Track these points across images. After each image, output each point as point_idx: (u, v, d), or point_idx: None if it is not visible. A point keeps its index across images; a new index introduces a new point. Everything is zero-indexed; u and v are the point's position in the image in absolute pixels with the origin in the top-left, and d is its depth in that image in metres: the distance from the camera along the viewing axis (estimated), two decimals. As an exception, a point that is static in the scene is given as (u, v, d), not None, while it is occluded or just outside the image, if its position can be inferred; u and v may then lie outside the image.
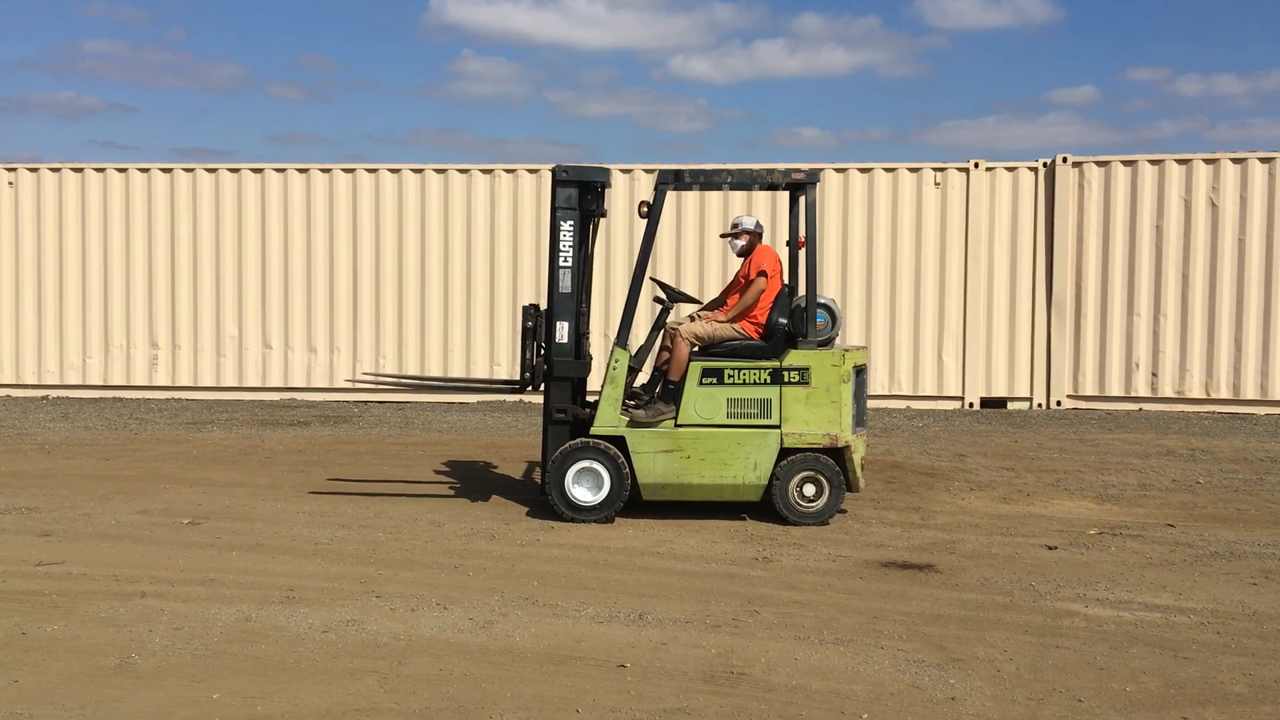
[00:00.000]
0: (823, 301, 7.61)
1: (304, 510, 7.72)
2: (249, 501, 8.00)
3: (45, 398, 13.86)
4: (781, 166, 7.72)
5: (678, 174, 7.64)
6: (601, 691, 4.48)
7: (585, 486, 7.39)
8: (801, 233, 7.58)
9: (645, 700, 4.39)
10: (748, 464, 7.35)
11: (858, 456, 7.46)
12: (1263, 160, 12.76)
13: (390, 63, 49.92)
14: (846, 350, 7.48)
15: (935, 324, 13.28)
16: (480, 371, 13.60)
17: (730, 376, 7.38)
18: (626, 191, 13.46)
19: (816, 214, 7.52)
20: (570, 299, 7.57)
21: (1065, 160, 13.16)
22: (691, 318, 7.87)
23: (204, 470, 9.24)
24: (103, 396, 13.85)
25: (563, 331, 7.57)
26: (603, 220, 8.29)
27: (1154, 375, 13.00)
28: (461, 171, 13.71)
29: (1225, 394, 12.85)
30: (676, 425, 7.40)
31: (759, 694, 4.47)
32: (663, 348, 7.73)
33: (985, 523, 7.51)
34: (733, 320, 7.63)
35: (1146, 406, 13.02)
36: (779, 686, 4.55)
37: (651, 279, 7.83)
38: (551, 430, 7.58)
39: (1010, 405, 13.31)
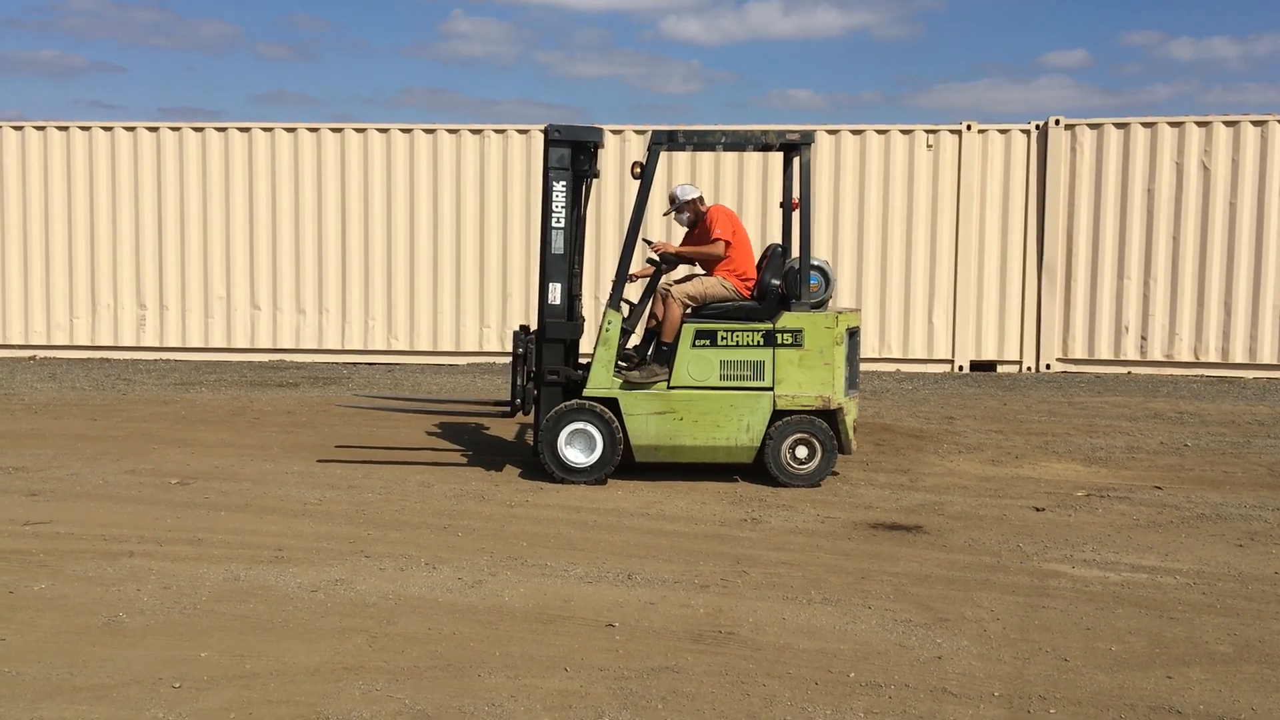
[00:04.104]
0: (816, 263, 7.58)
1: (292, 471, 7.71)
2: (237, 462, 7.98)
3: (32, 358, 13.79)
4: (776, 127, 7.69)
5: (671, 135, 7.57)
6: (590, 650, 4.49)
7: (578, 448, 7.37)
8: (795, 194, 7.54)
9: (633, 659, 4.40)
10: (740, 426, 7.35)
11: (850, 419, 7.46)
12: (1255, 123, 12.72)
13: (380, 22, 49.55)
14: (840, 312, 7.46)
15: (926, 286, 13.26)
16: (470, 332, 13.57)
17: (723, 338, 7.36)
18: (617, 153, 13.38)
19: (810, 175, 7.48)
20: (563, 260, 7.52)
21: (1058, 122, 13.09)
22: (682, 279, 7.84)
23: (192, 431, 9.21)
24: (90, 357, 13.79)
25: (555, 293, 7.52)
26: (594, 181, 8.23)
27: (1143, 339, 13.01)
28: (451, 132, 13.60)
29: (1214, 358, 12.87)
30: (669, 387, 7.38)
31: (747, 653, 4.49)
32: (655, 309, 7.71)
33: (973, 484, 7.53)
34: (678, 254, 7.69)
35: (1135, 370, 13.04)
36: (767, 646, 4.57)
37: (644, 240, 7.79)
38: (544, 392, 7.55)
39: (1000, 368, 13.32)
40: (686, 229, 8.01)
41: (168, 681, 4.14)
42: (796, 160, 7.50)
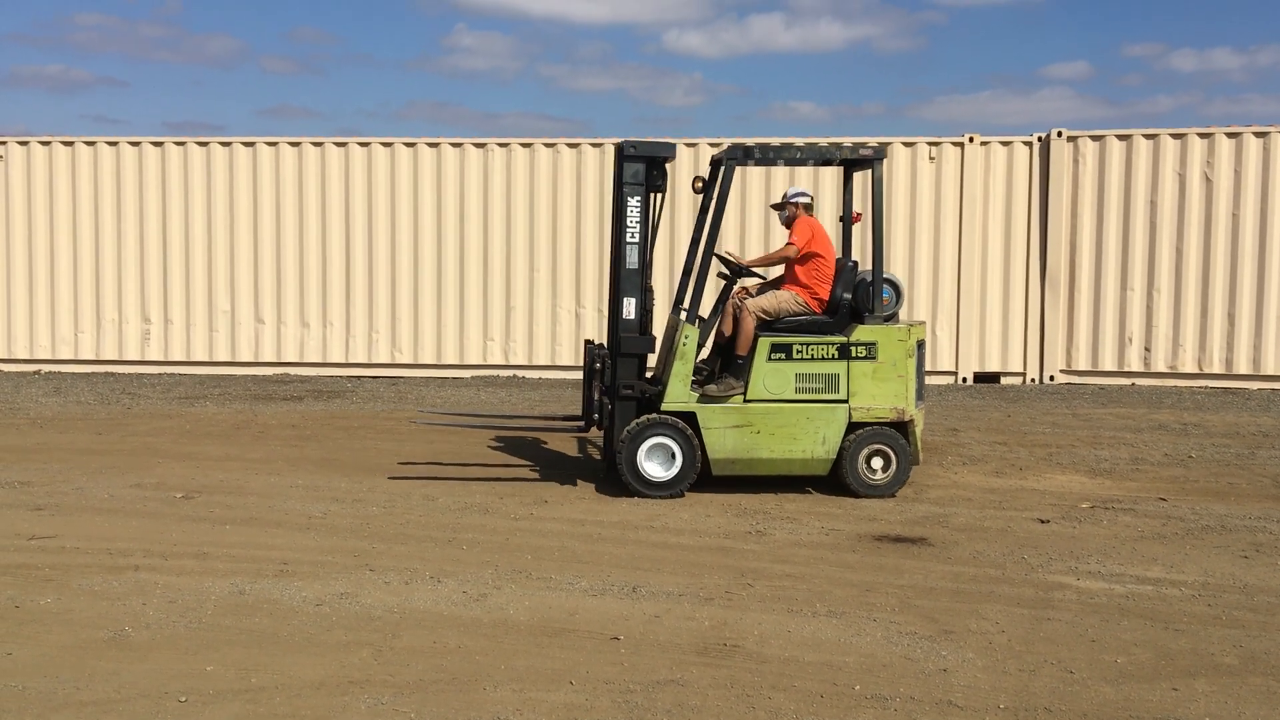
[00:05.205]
0: (887, 277, 7.64)
1: (297, 484, 7.72)
2: (242, 476, 7.99)
3: (37, 372, 13.82)
4: (847, 141, 7.76)
5: (747, 150, 7.64)
6: (595, 663, 4.49)
7: (656, 462, 7.38)
8: (858, 208, 7.60)
9: (639, 672, 4.40)
10: (816, 438, 7.38)
11: (919, 429, 7.52)
12: (1257, 135, 12.74)
13: (384, 36, 49.74)
14: (911, 325, 7.52)
15: (929, 298, 13.26)
16: (473, 345, 13.58)
17: (798, 352, 7.40)
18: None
19: (883, 190, 7.49)
20: (637, 275, 7.52)
21: (1060, 134, 13.11)
22: (747, 291, 7.88)
23: (197, 445, 9.22)
24: (95, 371, 13.82)
25: (630, 308, 7.52)
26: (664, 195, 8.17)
27: (1147, 350, 13.01)
28: (454, 145, 13.64)
29: (1218, 368, 12.86)
30: (745, 400, 7.40)
31: (752, 666, 4.49)
32: (724, 322, 7.73)
33: (978, 496, 7.53)
34: (754, 266, 7.81)
35: (1139, 381, 13.04)
36: (772, 658, 4.57)
37: (715, 254, 7.80)
38: (619, 406, 7.53)
39: (1003, 380, 13.32)
40: (784, 226, 8.09)
41: (174, 695, 4.14)
42: (865, 175, 7.54)
